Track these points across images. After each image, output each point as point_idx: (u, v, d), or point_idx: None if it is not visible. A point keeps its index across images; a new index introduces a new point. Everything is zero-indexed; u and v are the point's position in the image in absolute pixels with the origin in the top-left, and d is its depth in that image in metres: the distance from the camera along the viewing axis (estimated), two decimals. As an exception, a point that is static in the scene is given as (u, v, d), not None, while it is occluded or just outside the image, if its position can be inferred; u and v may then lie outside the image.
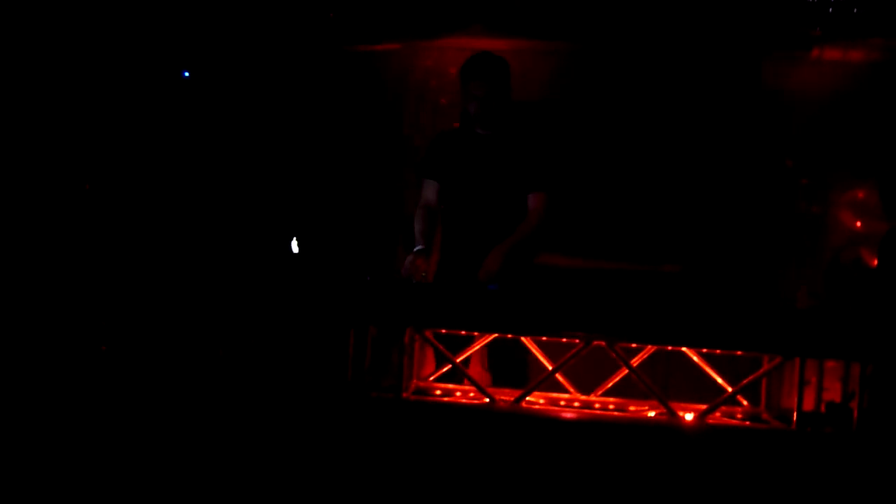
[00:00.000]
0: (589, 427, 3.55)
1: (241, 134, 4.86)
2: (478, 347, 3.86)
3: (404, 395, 3.69)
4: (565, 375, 3.89)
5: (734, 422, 3.79)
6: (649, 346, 3.74)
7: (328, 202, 5.15)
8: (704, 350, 3.71)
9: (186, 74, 4.62)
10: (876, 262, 4.20)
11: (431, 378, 3.98)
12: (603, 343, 3.57)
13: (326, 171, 5.24)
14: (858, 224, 4.99)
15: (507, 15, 5.12)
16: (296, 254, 4.34)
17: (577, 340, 3.57)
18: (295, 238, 4.31)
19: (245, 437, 3.52)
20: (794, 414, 3.51)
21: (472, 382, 3.69)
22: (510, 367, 4.06)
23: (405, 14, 5.20)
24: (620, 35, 4.95)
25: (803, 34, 4.87)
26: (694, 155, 4.81)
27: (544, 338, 3.75)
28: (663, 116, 4.83)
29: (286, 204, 4.76)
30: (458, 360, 3.85)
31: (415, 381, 3.94)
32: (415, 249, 4.06)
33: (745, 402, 3.88)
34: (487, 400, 3.67)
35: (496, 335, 3.75)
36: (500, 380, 4.08)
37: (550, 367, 3.74)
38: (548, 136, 4.23)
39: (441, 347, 3.65)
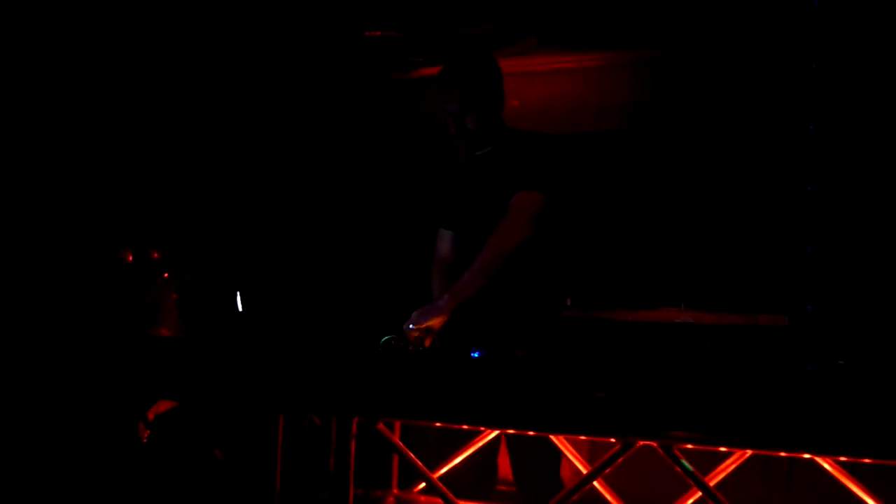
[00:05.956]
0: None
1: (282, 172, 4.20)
2: (473, 449, 2.59)
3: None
4: (613, 486, 2.56)
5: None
6: (742, 451, 2.35)
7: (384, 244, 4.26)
8: (844, 458, 2.28)
9: None
10: None
11: (418, 490, 2.72)
12: (654, 444, 2.22)
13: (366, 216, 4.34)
14: None
15: (565, 25, 3.98)
16: (240, 311, 3.26)
17: (613, 440, 2.25)
18: (239, 293, 3.25)
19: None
20: None
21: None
22: (534, 462, 2.79)
23: (446, 30, 4.22)
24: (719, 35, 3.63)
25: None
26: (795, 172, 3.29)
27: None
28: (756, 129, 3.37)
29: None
30: (457, 460, 2.62)
31: (394, 492, 2.70)
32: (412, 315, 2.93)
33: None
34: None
35: (495, 431, 2.47)
36: (521, 478, 2.81)
37: (586, 471, 2.43)
38: (543, 137, 3.06)
39: (404, 448, 2.39)
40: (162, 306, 4.38)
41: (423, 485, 2.70)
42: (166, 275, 4.42)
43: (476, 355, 2.31)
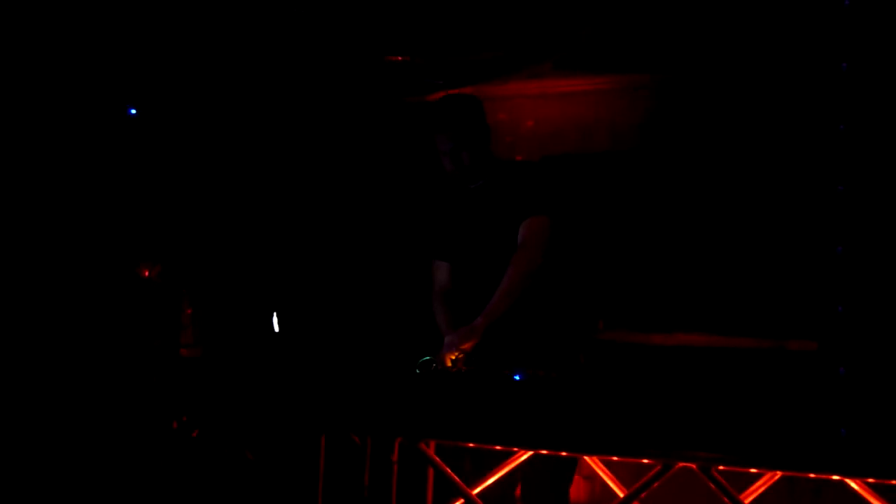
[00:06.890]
0: None
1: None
2: (509, 468, 2.66)
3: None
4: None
5: None
6: (772, 472, 2.43)
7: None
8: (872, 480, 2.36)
9: (133, 112, 4.00)
10: None
11: (453, 507, 2.78)
12: (693, 466, 2.29)
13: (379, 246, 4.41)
14: None
15: (581, 50, 4.08)
16: (276, 332, 3.32)
17: (650, 461, 2.32)
18: (276, 313, 3.31)
19: None
20: None
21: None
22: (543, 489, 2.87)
23: (464, 55, 4.31)
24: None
25: None
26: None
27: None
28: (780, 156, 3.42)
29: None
30: (493, 478, 2.68)
31: (429, 510, 2.77)
32: (447, 340, 3.01)
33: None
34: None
35: (528, 451, 2.53)
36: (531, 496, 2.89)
37: (622, 495, 2.50)
38: (541, 164, 3.17)
39: (445, 467, 2.46)
40: (178, 321, 4.44)
41: (458, 503, 2.76)
42: (183, 290, 4.47)
43: (518, 378, 2.38)
